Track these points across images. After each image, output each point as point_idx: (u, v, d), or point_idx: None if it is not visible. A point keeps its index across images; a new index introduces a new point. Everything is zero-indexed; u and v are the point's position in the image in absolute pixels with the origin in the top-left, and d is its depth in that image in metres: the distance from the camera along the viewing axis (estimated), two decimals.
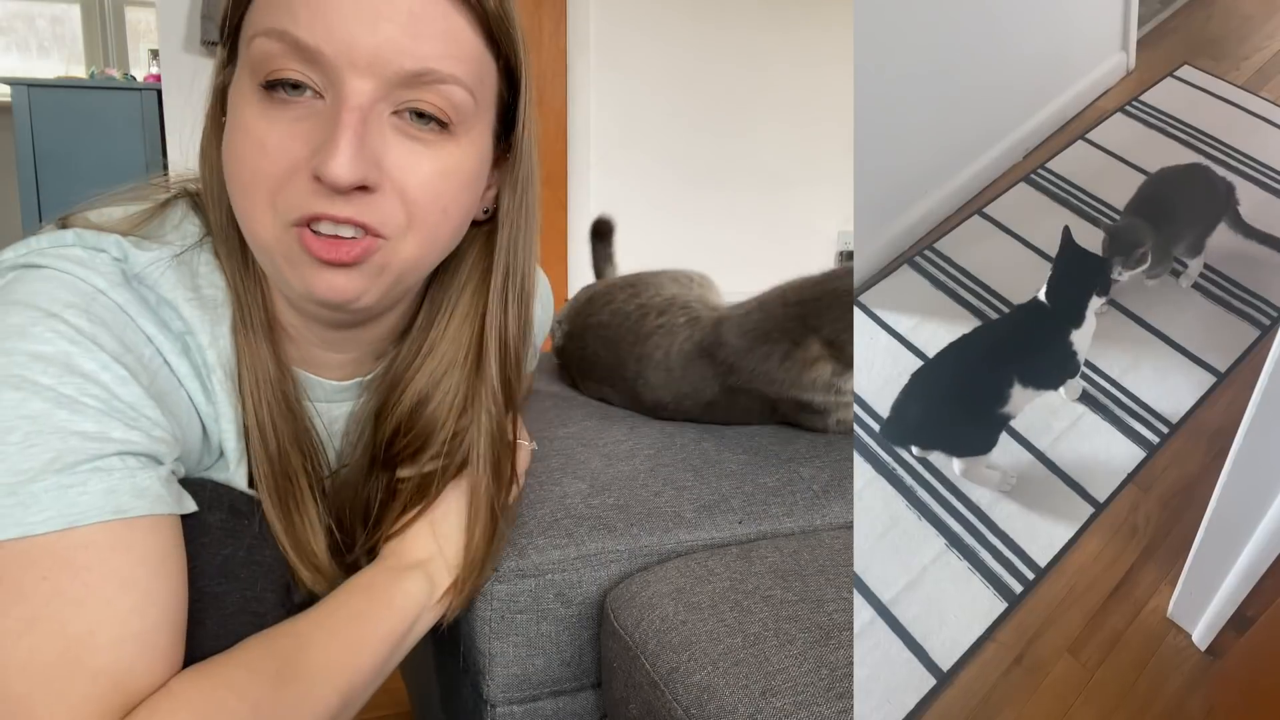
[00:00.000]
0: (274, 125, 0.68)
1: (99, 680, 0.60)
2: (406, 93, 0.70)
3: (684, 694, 0.76)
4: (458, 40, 0.71)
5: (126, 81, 4.65)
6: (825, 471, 1.10)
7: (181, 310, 0.73)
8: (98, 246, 0.72)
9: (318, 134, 0.68)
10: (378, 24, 0.67)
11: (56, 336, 0.64)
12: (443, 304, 0.85)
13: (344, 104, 0.67)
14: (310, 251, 0.70)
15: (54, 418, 0.62)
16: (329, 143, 0.67)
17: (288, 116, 0.68)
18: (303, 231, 0.70)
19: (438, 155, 0.73)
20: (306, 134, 0.68)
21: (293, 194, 0.69)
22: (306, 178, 0.68)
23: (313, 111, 0.69)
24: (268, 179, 0.69)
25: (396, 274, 0.75)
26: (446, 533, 0.86)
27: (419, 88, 0.70)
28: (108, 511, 0.63)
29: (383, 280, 0.75)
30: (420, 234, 0.74)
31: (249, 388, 0.77)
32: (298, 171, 0.68)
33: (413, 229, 0.73)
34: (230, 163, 0.71)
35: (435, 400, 0.85)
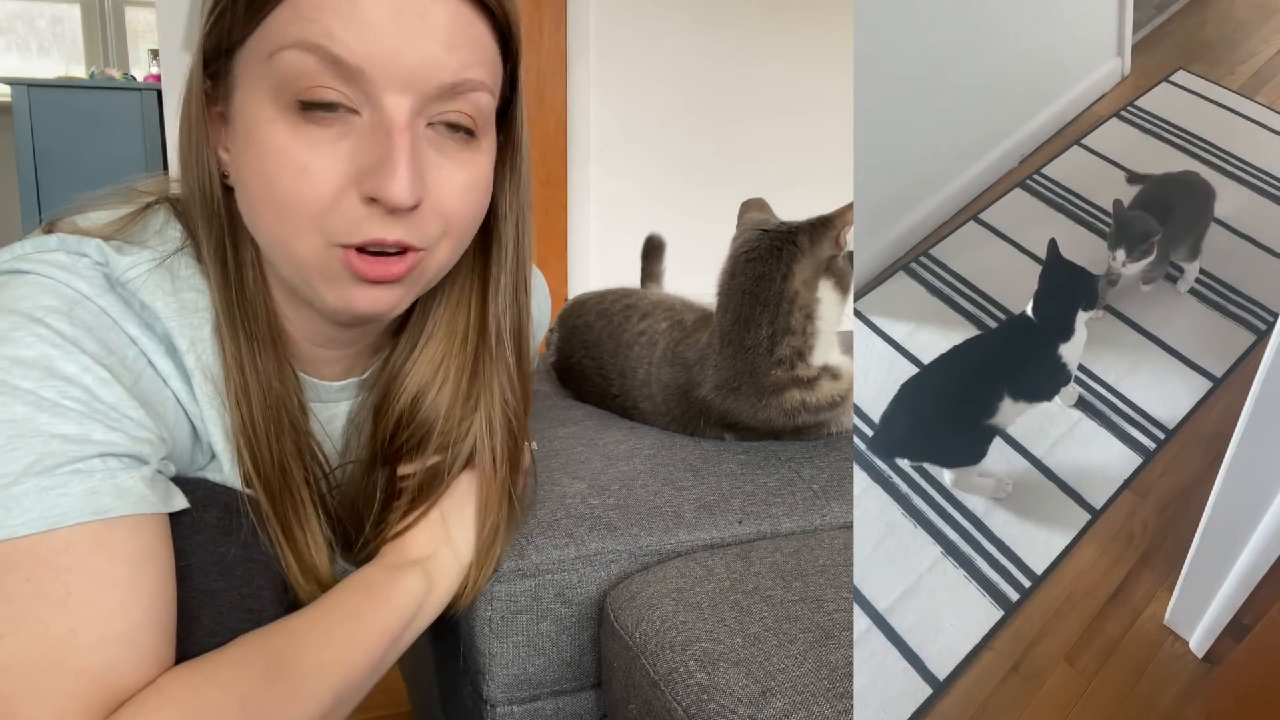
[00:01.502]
0: (315, 148, 0.68)
1: (82, 679, 0.61)
2: (440, 105, 0.70)
3: (684, 694, 0.76)
4: (481, 47, 0.72)
5: (126, 81, 4.64)
6: (825, 471, 1.10)
7: (160, 314, 0.74)
8: (79, 251, 0.72)
9: (364, 154, 0.68)
10: (418, 41, 0.67)
11: (38, 341, 0.65)
12: (436, 293, 0.85)
13: (393, 124, 0.68)
14: (357, 274, 0.71)
15: (35, 421, 0.63)
16: (386, 165, 0.67)
17: (326, 136, 0.68)
18: (348, 254, 0.70)
19: (467, 166, 0.74)
20: (350, 154, 0.68)
21: (341, 218, 0.69)
22: (355, 200, 0.69)
23: (351, 129, 0.68)
24: (313, 202, 0.68)
25: (429, 279, 0.77)
26: (459, 523, 0.87)
27: (452, 99, 0.71)
28: (89, 513, 0.63)
29: (417, 287, 0.77)
30: (453, 241, 0.76)
31: (238, 395, 0.77)
32: (345, 193, 0.69)
33: (447, 237, 0.75)
34: (259, 184, 0.70)
35: (434, 390, 0.86)
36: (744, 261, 1.11)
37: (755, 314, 1.09)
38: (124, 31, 5.29)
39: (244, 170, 0.71)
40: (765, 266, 1.09)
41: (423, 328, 0.87)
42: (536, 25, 3.72)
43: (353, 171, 0.68)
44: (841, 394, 1.12)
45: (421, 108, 0.69)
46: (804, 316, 1.09)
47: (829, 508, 1.06)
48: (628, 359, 1.23)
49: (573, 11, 3.75)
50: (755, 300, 1.09)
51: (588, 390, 1.31)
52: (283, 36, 0.67)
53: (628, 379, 1.23)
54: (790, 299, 1.08)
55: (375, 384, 0.89)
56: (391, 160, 0.67)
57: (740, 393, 1.12)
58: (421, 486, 0.86)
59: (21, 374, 0.63)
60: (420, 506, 0.86)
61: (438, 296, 0.86)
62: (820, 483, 1.09)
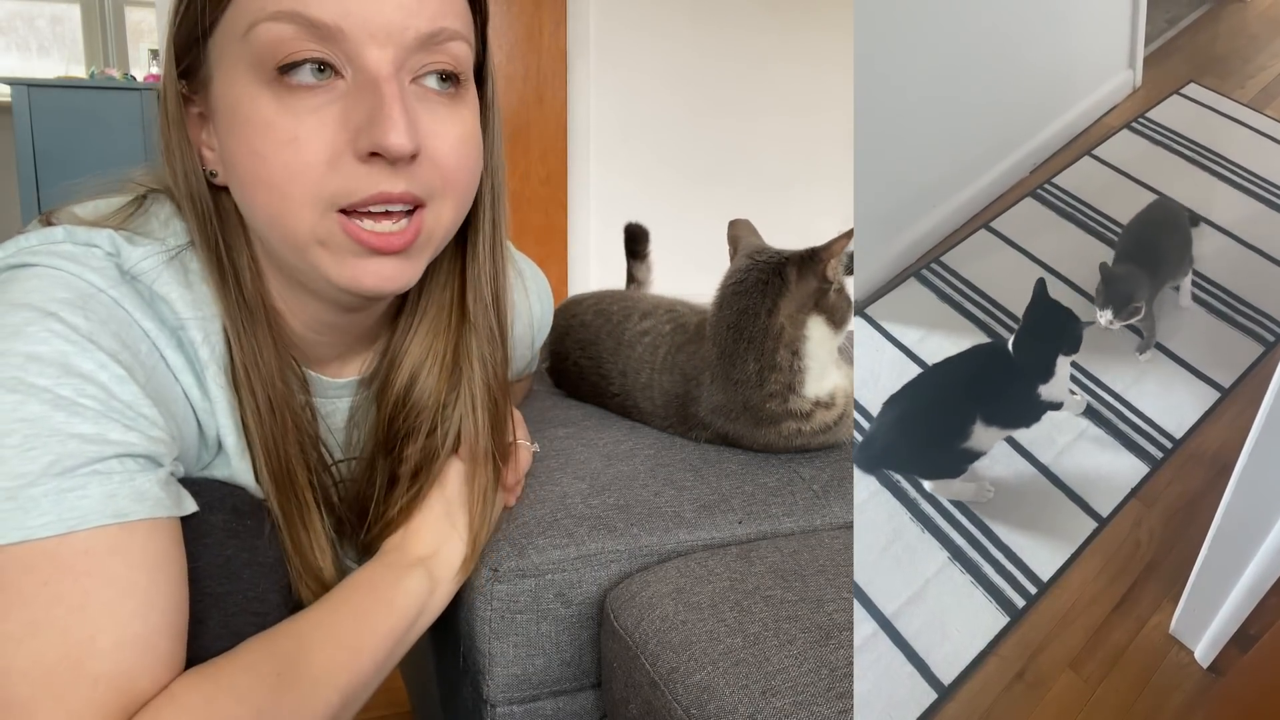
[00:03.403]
0: (301, 117, 0.67)
1: (100, 685, 0.60)
2: (421, 56, 0.70)
3: (684, 694, 0.76)
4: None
5: (126, 81, 4.64)
6: (825, 471, 1.10)
7: (175, 306, 0.73)
8: (89, 242, 0.71)
9: (354, 113, 0.68)
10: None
11: (52, 336, 0.64)
12: (426, 272, 0.84)
13: (379, 76, 0.67)
14: (361, 243, 0.70)
15: (52, 420, 0.62)
16: (378, 115, 0.67)
17: (311, 105, 0.68)
18: (347, 223, 0.70)
19: (457, 118, 0.73)
20: (339, 118, 0.68)
21: (341, 180, 0.68)
22: (351, 161, 0.68)
23: (336, 94, 0.68)
24: (308, 170, 0.68)
25: (436, 244, 0.76)
26: (459, 518, 0.87)
27: (432, 49, 0.70)
28: (107, 515, 0.62)
29: (425, 255, 0.76)
30: (455, 198, 0.75)
31: (246, 392, 0.77)
32: (340, 158, 0.68)
33: (448, 194, 0.74)
34: (250, 162, 0.69)
35: (425, 371, 0.86)
36: (730, 294, 1.08)
37: (741, 349, 1.07)
38: (124, 31, 5.29)
39: (234, 153, 0.71)
40: (750, 300, 1.06)
41: (415, 307, 0.87)
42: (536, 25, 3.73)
43: (344, 135, 0.68)
44: (836, 419, 1.11)
45: (403, 60, 0.69)
46: (790, 353, 1.06)
47: (829, 508, 1.05)
48: (629, 358, 1.22)
49: (573, 11, 3.76)
50: (740, 335, 1.07)
51: (585, 389, 1.30)
52: (257, 10, 0.67)
53: (629, 378, 1.22)
54: (775, 335, 1.05)
55: (375, 376, 0.89)
56: (384, 109, 0.67)
57: (737, 420, 1.10)
58: (417, 469, 0.86)
59: (37, 371, 0.62)
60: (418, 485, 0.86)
61: (427, 275, 0.85)
62: (820, 483, 1.08)
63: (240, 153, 0.70)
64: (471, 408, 0.86)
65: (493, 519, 0.90)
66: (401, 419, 0.86)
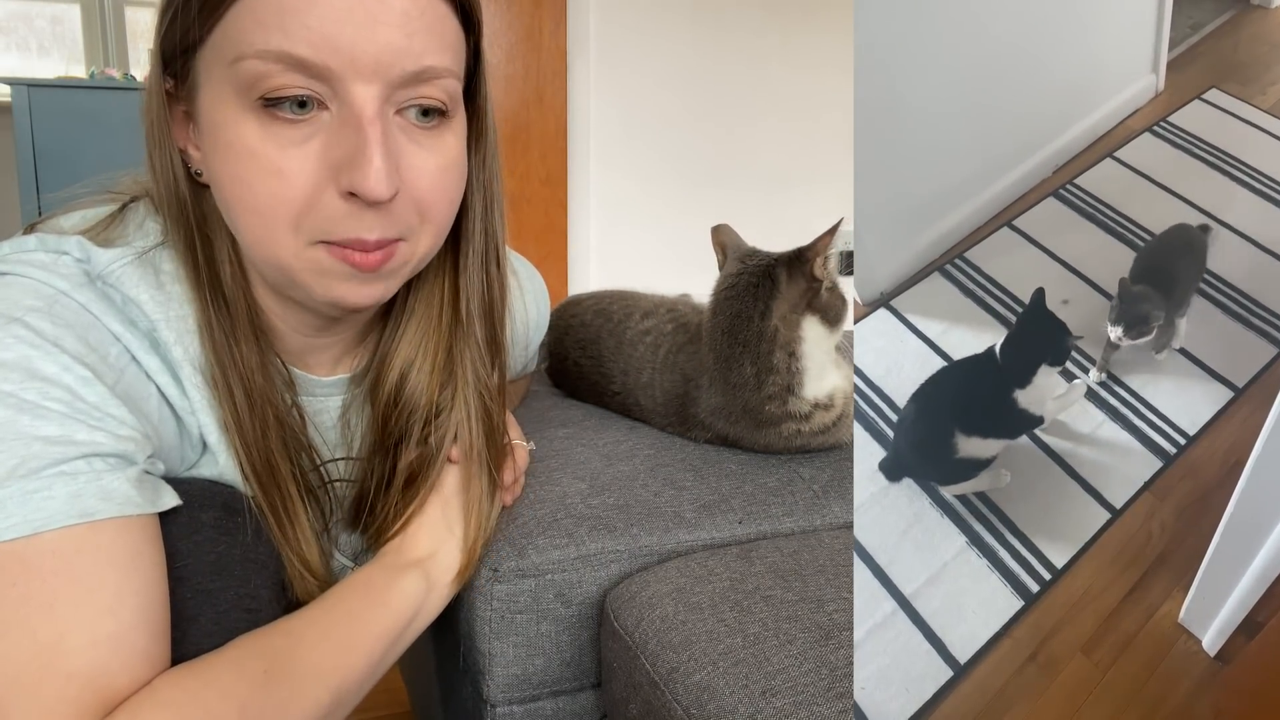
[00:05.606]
0: (285, 149, 0.67)
1: (74, 682, 0.60)
2: (407, 92, 0.70)
3: (684, 694, 0.75)
4: (443, 30, 0.71)
5: (126, 81, 4.62)
6: (825, 471, 1.09)
7: (146, 308, 0.73)
8: (59, 249, 0.72)
9: (336, 149, 0.68)
10: (375, 29, 0.67)
11: (16, 342, 0.64)
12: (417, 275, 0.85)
13: (362, 115, 0.67)
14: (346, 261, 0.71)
15: (16, 424, 0.62)
16: (359, 158, 0.67)
17: (296, 136, 0.68)
18: (330, 247, 0.70)
19: (439, 150, 0.73)
20: (321, 151, 0.68)
21: (320, 217, 0.69)
22: (334, 196, 0.68)
23: (321, 126, 0.68)
24: (290, 204, 0.68)
25: (414, 267, 0.77)
26: (455, 520, 0.87)
27: (418, 85, 0.70)
28: (73, 515, 0.62)
29: (403, 275, 0.77)
30: (433, 227, 0.75)
31: (224, 389, 0.76)
32: (322, 191, 0.68)
33: (426, 224, 0.74)
34: (234, 188, 0.70)
35: (416, 368, 0.86)
36: (723, 299, 1.08)
37: (737, 354, 1.06)
38: (124, 31, 5.29)
39: (218, 173, 0.71)
40: (743, 304, 1.05)
41: (404, 306, 0.87)
42: (536, 25, 3.73)
43: (326, 168, 0.68)
44: (835, 420, 1.10)
45: (389, 95, 0.69)
46: (786, 355, 1.05)
47: (829, 508, 1.05)
48: (630, 357, 1.21)
49: (573, 11, 3.76)
50: (735, 340, 1.06)
51: (585, 389, 1.29)
52: (245, 44, 0.66)
53: (630, 377, 1.21)
54: (770, 338, 1.04)
55: (365, 374, 0.88)
56: (365, 152, 0.67)
57: (737, 422, 1.10)
58: (414, 474, 0.86)
59: (1, 376, 0.63)
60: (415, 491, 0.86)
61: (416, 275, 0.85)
62: (820, 483, 1.07)
63: (224, 175, 0.70)
64: (466, 413, 0.87)
65: (490, 525, 0.90)
66: (395, 419, 0.86)
